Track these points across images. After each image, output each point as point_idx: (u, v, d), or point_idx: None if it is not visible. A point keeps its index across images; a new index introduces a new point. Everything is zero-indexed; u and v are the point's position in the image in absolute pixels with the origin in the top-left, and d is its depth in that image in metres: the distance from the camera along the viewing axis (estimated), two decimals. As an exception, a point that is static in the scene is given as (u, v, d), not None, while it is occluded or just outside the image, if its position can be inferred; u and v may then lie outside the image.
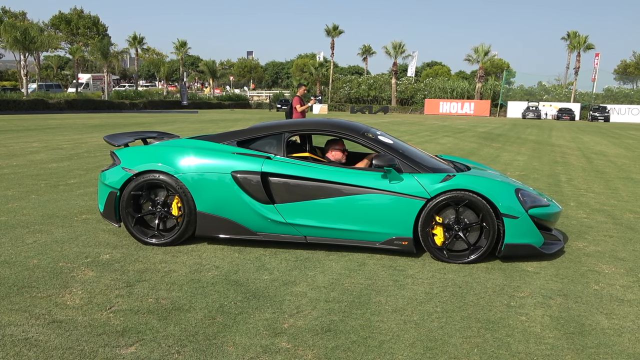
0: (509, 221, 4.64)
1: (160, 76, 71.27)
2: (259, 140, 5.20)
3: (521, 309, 3.76)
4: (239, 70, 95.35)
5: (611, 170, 11.94)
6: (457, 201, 4.68)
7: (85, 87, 59.16)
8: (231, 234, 4.97)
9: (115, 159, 5.22)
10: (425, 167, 4.95)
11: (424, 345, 3.17)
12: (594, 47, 59.92)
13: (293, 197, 4.84)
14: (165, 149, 5.16)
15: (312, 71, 67.82)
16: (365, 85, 66.90)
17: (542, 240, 4.84)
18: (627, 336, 3.39)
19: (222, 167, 4.89)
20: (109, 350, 2.98)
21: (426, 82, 66.69)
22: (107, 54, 51.73)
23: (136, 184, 4.99)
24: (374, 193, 4.75)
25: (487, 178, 5.00)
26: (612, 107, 53.01)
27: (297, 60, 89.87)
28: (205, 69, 70.50)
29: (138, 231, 5.04)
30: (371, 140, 5.11)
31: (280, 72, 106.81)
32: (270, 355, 2.99)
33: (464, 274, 4.46)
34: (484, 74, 61.88)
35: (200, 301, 3.71)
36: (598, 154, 15.90)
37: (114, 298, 3.72)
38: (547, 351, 3.15)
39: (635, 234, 6.01)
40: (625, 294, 4.13)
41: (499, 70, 69.94)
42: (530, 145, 18.58)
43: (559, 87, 64.81)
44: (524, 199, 4.79)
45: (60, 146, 13.85)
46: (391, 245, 4.80)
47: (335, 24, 66.30)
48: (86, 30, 70.51)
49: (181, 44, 70.18)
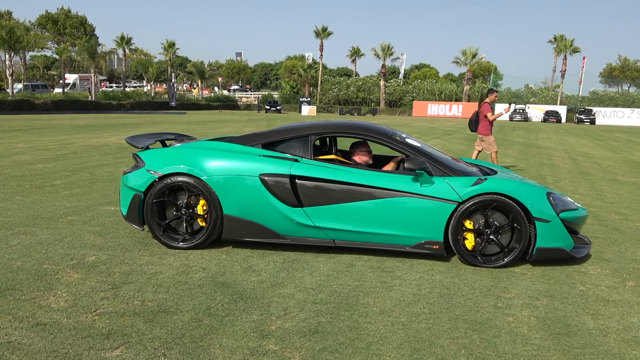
0: (541, 225, 4.61)
1: (148, 77, 70.90)
2: (285, 143, 5.12)
3: (508, 310, 3.78)
4: (228, 71, 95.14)
5: (597, 172, 12.07)
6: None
7: (72, 87, 58.61)
8: (258, 237, 4.90)
9: (139, 161, 5.12)
10: (455, 170, 4.91)
11: (412, 347, 3.17)
12: (580, 50, 60.64)
13: (322, 200, 4.78)
14: (190, 150, 5.07)
15: (301, 73, 67.88)
16: (354, 87, 67.05)
17: (572, 244, 4.82)
18: (613, 336, 3.41)
19: (250, 169, 4.82)
20: (94, 353, 2.94)
21: (414, 84, 67.03)
22: (95, 54, 51.37)
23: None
24: (406, 196, 4.69)
25: (518, 181, 4.95)
26: (598, 109, 53.65)
27: (286, 61, 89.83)
28: (193, 69, 70.31)
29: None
30: (399, 143, 5.05)
31: (269, 73, 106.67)
32: (258, 357, 2.97)
33: (451, 275, 4.47)
34: (471, 76, 62.36)
35: (186, 303, 3.68)
36: (584, 156, 16.06)
37: (100, 300, 3.68)
38: (533, 352, 3.16)
39: (620, 235, 6.07)
40: (610, 295, 4.17)
41: (487, 72, 70.46)
42: (517, 147, 18.72)
43: (546, 90, 65.47)
44: (555, 202, 4.77)
45: (46, 147, 13.71)
46: (422, 249, 4.76)
47: (324, 26, 66.37)
48: (73, 30, 69.96)
49: (169, 45, 69.90)
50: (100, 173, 9.48)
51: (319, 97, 67.23)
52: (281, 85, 77.69)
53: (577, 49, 60.37)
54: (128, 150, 13.27)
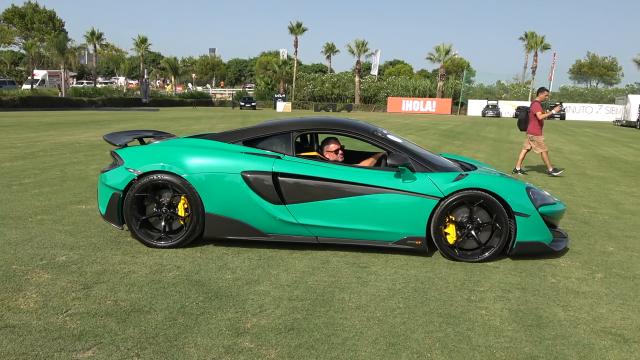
0: (520, 219, 4.68)
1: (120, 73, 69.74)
2: (266, 140, 5.09)
3: (481, 303, 3.83)
4: (202, 67, 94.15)
5: (567, 167, 12.33)
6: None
7: (41, 83, 57.26)
8: (241, 235, 4.87)
9: (117, 159, 5.02)
10: (437, 166, 4.95)
11: (387, 341, 3.19)
12: (550, 47, 61.83)
13: (305, 197, 4.76)
14: (170, 148, 5.00)
15: (276, 69, 67.58)
16: (329, 83, 67.06)
17: (551, 238, 4.91)
18: (583, 327, 3.49)
19: (232, 167, 4.78)
20: (65, 354, 2.89)
21: (389, 80, 67.35)
22: (64, 49, 50.32)
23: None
24: (388, 193, 4.71)
25: (498, 177, 5.02)
26: (568, 105, 54.73)
27: (261, 57, 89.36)
28: (166, 66, 69.38)
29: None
30: (381, 140, 5.07)
31: (243, 69, 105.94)
32: (233, 355, 2.96)
33: (426, 270, 4.51)
34: (445, 72, 62.99)
35: (160, 302, 3.64)
36: (554, 150, 16.37)
37: (71, 301, 3.60)
38: (506, 343, 3.22)
39: (589, 228, 6.21)
40: (580, 287, 4.26)
41: (460, 69, 71.20)
42: (489, 142, 18.99)
43: (517, 86, 66.54)
44: (534, 197, 4.84)
45: (14, 145, 13.37)
46: (404, 245, 4.79)
47: (298, 22, 66.21)
48: (42, 25, 68.38)
49: (142, 40, 68.87)
50: (70, 171, 9.29)
51: (294, 93, 67.09)
52: (255, 81, 77.27)
53: (547, 45, 61.53)
54: (99, 148, 13.03)
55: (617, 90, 64.03)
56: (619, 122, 41.93)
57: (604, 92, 64.57)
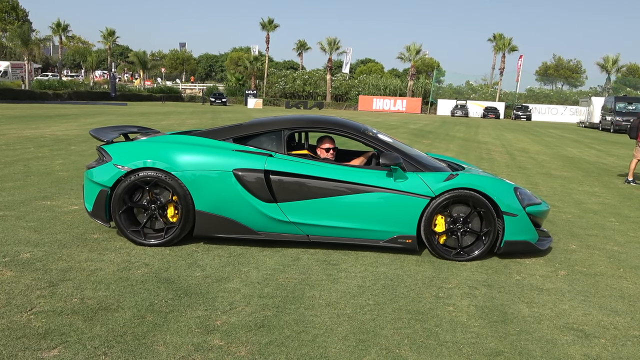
0: (508, 219, 4.76)
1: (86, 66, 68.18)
2: (257, 137, 5.04)
3: (449, 300, 3.91)
4: (171, 62, 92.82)
5: (532, 167, 12.62)
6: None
7: (4, 75, 55.51)
8: (231, 233, 4.82)
9: (104, 155, 4.90)
10: (427, 166, 4.99)
11: (357, 338, 3.22)
12: (517, 49, 63.15)
13: (297, 195, 4.74)
14: (159, 144, 4.91)
15: (247, 65, 67.17)
16: (301, 80, 67.03)
17: (537, 237, 5.00)
18: (546, 323, 3.59)
19: (223, 164, 4.72)
20: (30, 353, 2.82)
21: (360, 78, 67.75)
22: (28, 40, 48.88)
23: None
24: (380, 192, 4.72)
25: (488, 177, 5.11)
26: (534, 106, 56.01)
27: (232, 53, 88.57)
28: (135, 59, 68.02)
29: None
30: (372, 139, 5.08)
31: (214, 65, 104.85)
32: (203, 353, 2.94)
33: (395, 267, 4.57)
34: (415, 72, 63.70)
35: (128, 300, 3.59)
36: (520, 150, 16.73)
37: (35, 299, 3.52)
38: (472, 339, 3.29)
39: (553, 227, 6.37)
40: (544, 284, 4.38)
41: (430, 69, 72.09)
42: (458, 142, 19.28)
43: (486, 87, 67.73)
44: (521, 197, 4.92)
45: (-25, 138, 12.94)
46: (395, 244, 4.82)
47: (270, 18, 66.05)
48: (4, 15, 66.29)
49: (109, 33, 67.55)
50: (35, 166, 9.05)
51: (266, 90, 66.81)
52: (226, 77, 76.59)
53: (514, 47, 62.84)
54: (65, 142, 12.73)
55: (581, 93, 65.90)
56: (583, 124, 43.13)
57: (569, 94, 66.33)
